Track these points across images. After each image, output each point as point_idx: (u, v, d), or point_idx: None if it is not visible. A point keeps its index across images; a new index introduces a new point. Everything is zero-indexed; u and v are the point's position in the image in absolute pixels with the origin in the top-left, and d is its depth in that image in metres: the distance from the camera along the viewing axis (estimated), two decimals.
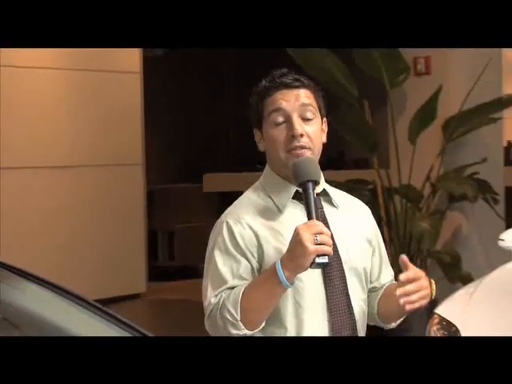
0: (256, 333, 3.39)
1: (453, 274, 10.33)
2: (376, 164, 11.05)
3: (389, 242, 10.94)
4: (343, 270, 3.47)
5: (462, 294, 7.28)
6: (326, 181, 11.96)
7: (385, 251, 3.77)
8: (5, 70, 12.14)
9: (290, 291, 3.37)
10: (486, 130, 11.05)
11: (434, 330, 6.88)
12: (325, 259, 3.22)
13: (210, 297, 3.44)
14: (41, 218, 12.70)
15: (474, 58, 11.01)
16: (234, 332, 3.37)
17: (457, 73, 11.04)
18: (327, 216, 3.52)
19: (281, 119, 3.45)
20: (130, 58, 14.29)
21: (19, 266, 3.03)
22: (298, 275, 3.32)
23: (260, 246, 3.44)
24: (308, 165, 3.43)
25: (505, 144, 12.47)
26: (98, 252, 13.52)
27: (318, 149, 3.52)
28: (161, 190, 15.98)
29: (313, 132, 3.48)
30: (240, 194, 13.56)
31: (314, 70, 11.05)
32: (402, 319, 3.73)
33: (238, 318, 3.34)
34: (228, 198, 14.15)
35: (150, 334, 3.02)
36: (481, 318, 6.71)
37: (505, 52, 12.34)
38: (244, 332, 3.36)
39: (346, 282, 3.47)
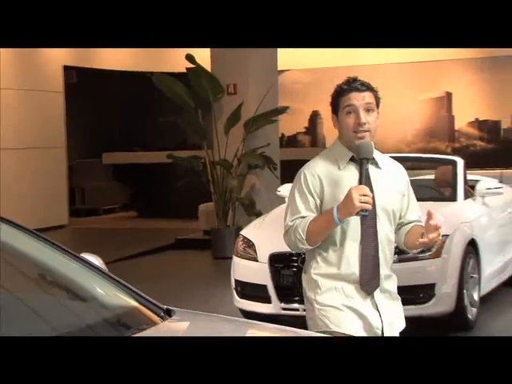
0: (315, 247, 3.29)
1: (250, 211, 10.42)
2: (205, 147, 11.05)
3: (213, 192, 10.98)
4: (375, 211, 3.25)
5: (256, 223, 7.32)
6: (170, 156, 11.57)
7: (413, 198, 3.45)
8: None
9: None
10: (269, 127, 11.20)
11: (240, 245, 6.90)
12: (366, 213, 3.11)
13: (288, 220, 3.31)
14: (2, 181, 12.43)
15: (262, 84, 11.13)
16: (301, 246, 3.27)
17: (252, 93, 11.09)
18: (371, 173, 3.28)
19: (352, 111, 3.27)
20: (57, 83, 14.09)
21: None
22: None
23: (322, 190, 3.29)
24: (367, 147, 3.25)
25: (280, 135, 12.59)
26: (38, 201, 13.27)
27: (374, 130, 3.29)
28: (77, 163, 15.75)
29: (372, 120, 3.27)
30: (125, 165, 13.17)
31: (168, 91, 11.09)
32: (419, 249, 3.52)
33: (304, 238, 3.23)
34: (118, 168, 13.98)
35: (75, 252, 2.93)
36: (267, 236, 6.75)
37: (280, 82, 12.43)
38: (307, 247, 3.28)
39: (375, 219, 3.27)
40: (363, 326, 3.26)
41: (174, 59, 13.70)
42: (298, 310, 6.31)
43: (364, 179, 3.18)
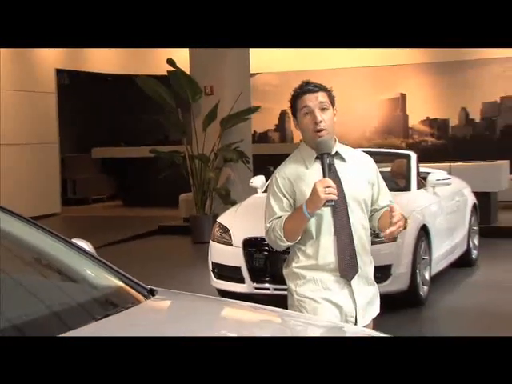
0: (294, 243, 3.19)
1: (226, 200, 10.41)
2: (185, 142, 11.02)
3: (192, 184, 10.95)
4: (346, 202, 3.16)
5: (232, 210, 7.31)
6: (153, 151, 11.56)
7: (383, 185, 3.34)
8: None
9: (314, 218, 3.14)
10: (243, 125, 11.17)
11: (216, 231, 6.89)
12: (331, 203, 3.02)
13: (267, 222, 3.23)
14: (1, 173, 12.29)
15: (236, 86, 11.12)
16: (281, 243, 3.18)
17: (227, 94, 11.06)
18: (337, 167, 3.18)
19: (308, 112, 3.17)
20: (50, 84, 13.96)
21: None
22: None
23: (293, 189, 3.19)
24: (325, 143, 3.13)
25: (252, 132, 12.59)
26: (33, 191, 13.17)
27: (331, 127, 3.19)
28: (68, 157, 15.63)
29: (328, 118, 3.16)
30: (112, 159, 13.09)
31: (151, 92, 11.03)
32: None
33: (283, 235, 3.14)
34: (106, 161, 13.92)
35: (67, 238, 2.90)
36: (241, 222, 6.76)
37: (252, 84, 12.41)
38: (287, 243, 3.18)
39: (347, 209, 3.16)
40: (338, 315, 3.16)
41: (156, 63, 13.65)
42: (269, 289, 6.33)
43: (327, 173, 3.09)
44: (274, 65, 15.59)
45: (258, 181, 7.69)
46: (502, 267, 8.34)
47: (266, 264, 6.34)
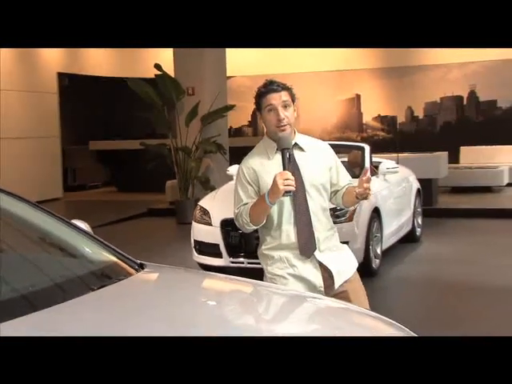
0: (260, 228, 3.14)
1: (206, 186, 10.40)
2: (170, 136, 10.96)
3: (177, 172, 10.91)
4: (305, 188, 3.09)
5: (211, 195, 7.30)
6: (142, 144, 11.48)
7: (342, 167, 3.23)
8: None
9: (276, 205, 3.08)
10: (220, 121, 11.17)
11: (197, 213, 6.88)
12: (290, 193, 2.96)
13: (235, 209, 3.15)
14: (8, 160, 12.11)
15: (215, 87, 11.08)
16: (248, 227, 3.11)
17: (207, 95, 11.03)
18: (297, 156, 3.10)
19: (272, 110, 3.08)
20: (52, 86, 13.80)
21: None
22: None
23: (257, 178, 3.12)
24: (285, 140, 3.04)
25: (228, 127, 12.57)
26: (38, 178, 13.04)
27: (293, 122, 3.10)
28: (69, 149, 15.45)
29: (289, 115, 3.07)
30: (107, 151, 12.99)
31: (141, 93, 10.96)
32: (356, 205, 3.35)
33: (249, 220, 3.08)
34: (101, 153, 13.78)
35: (67, 219, 2.87)
36: (219, 205, 6.75)
37: (228, 85, 12.37)
38: (253, 227, 3.10)
39: (306, 196, 3.10)
40: (307, 287, 3.11)
41: (145, 67, 13.57)
42: (243, 263, 6.34)
43: (287, 165, 3.02)
44: (247, 69, 15.57)
45: (234, 169, 7.68)
46: (442, 242, 8.45)
47: (241, 241, 6.35)
